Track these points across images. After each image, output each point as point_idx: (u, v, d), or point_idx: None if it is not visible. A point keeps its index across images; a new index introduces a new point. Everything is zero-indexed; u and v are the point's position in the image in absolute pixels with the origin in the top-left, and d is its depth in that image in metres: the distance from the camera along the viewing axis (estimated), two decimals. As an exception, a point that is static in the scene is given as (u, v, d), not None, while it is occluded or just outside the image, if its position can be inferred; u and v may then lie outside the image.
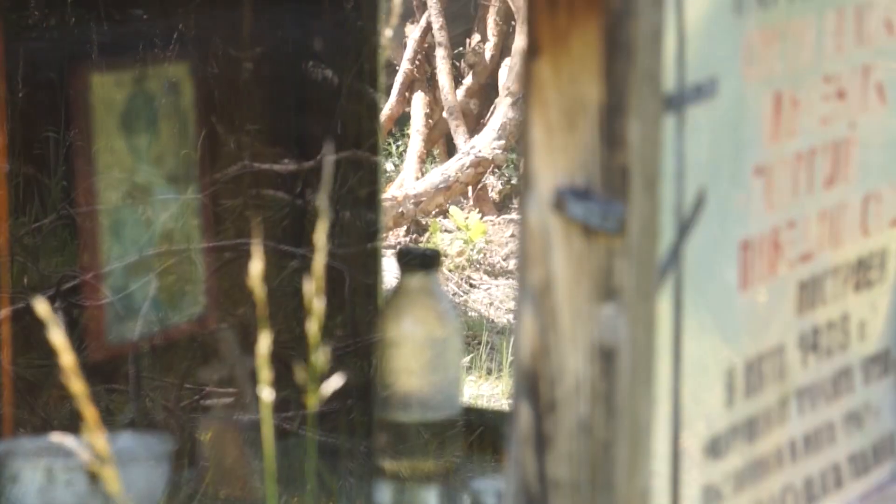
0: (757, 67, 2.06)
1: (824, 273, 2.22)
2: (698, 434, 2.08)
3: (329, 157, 2.50)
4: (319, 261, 2.05)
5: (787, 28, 2.10)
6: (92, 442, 2.04)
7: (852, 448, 2.29)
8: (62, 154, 2.46)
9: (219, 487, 2.47)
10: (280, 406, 2.13)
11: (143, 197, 2.52)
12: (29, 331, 2.40)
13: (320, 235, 2.07)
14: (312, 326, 2.05)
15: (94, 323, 2.39)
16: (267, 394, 2.03)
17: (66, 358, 1.97)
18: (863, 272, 2.27)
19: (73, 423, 2.39)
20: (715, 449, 2.10)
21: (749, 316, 2.13)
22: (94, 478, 2.31)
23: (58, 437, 2.31)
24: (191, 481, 2.50)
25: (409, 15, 7.38)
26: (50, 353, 2.45)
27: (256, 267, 2.05)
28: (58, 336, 1.95)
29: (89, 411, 2.01)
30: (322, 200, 2.18)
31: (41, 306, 1.94)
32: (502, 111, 6.86)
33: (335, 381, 2.16)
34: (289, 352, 2.15)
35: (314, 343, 2.05)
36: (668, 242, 1.97)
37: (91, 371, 2.51)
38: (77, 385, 2.00)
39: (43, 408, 2.39)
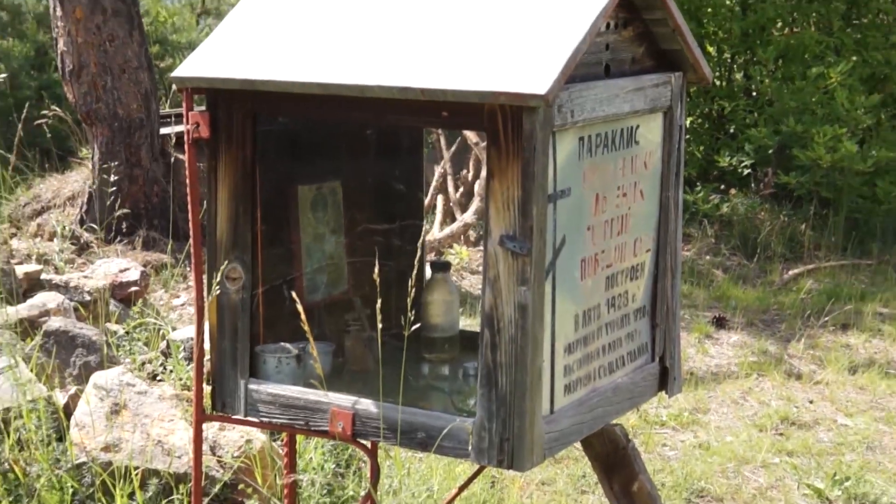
0: (587, 182, 2.06)
1: (617, 273, 2.21)
2: (562, 343, 2.06)
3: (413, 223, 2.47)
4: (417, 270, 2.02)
5: (601, 164, 2.10)
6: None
7: (629, 349, 2.27)
8: (286, 222, 2.36)
9: (352, 366, 2.36)
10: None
11: (320, 239, 2.43)
12: (272, 297, 2.29)
13: (420, 263, 2.03)
14: (410, 300, 2.08)
15: (300, 293, 2.29)
16: (380, 325, 1.96)
17: (301, 308, 2.03)
18: (634, 273, 2.24)
19: (291, 337, 2.28)
20: (570, 349, 2.10)
21: (584, 292, 2.14)
22: (301, 361, 2.19)
23: (284, 344, 2.24)
24: (341, 361, 2.38)
25: (433, 159, 7.39)
26: (280, 304, 2.35)
27: (376, 271, 2.07)
28: (301, 306, 2.03)
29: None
30: (423, 241, 2.14)
31: (294, 294, 2.09)
32: (475, 203, 6.79)
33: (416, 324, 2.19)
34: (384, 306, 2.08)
35: (411, 304, 2.08)
36: (549, 260, 2.01)
37: (298, 315, 2.44)
38: (307, 324, 2.05)
39: (276, 329, 2.28)
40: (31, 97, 9.84)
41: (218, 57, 2.09)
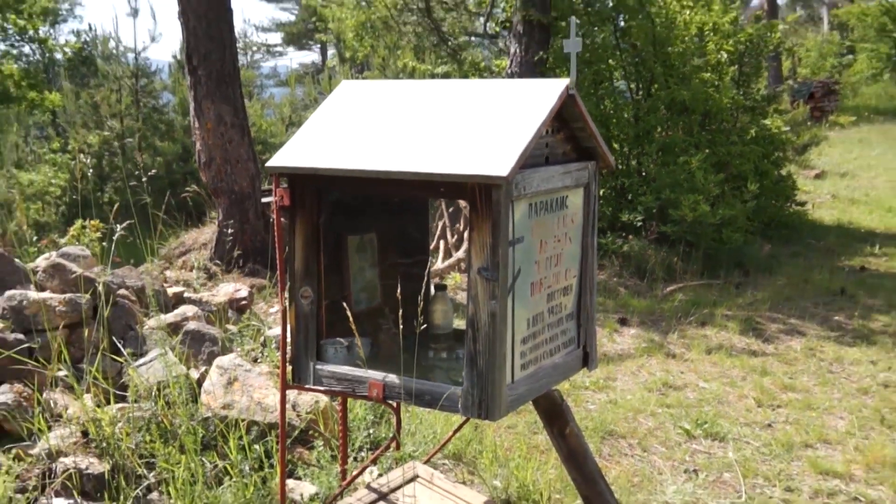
0: (535, 233, 2.04)
1: (555, 291, 2.17)
2: (519, 337, 2.04)
3: (424, 257, 2.39)
4: (425, 289, 1.95)
5: (544, 221, 2.08)
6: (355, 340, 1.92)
7: (563, 340, 2.23)
8: (340, 259, 2.32)
9: (383, 353, 2.32)
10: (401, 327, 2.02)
11: (362, 270, 2.38)
12: (331, 308, 2.24)
13: (428, 285, 1.96)
14: (420, 309, 1.93)
15: (349, 304, 2.24)
16: (399, 326, 1.91)
17: (349, 314, 1.86)
18: (565, 291, 2.21)
19: (343, 334, 2.24)
20: (524, 341, 2.06)
21: (533, 304, 2.11)
22: (350, 350, 2.15)
23: (339, 338, 2.20)
24: (375, 349, 2.33)
25: (438, 216, 7.28)
26: (336, 312, 2.30)
27: (397, 289, 1.93)
28: (349, 313, 1.89)
29: (356, 331, 1.88)
30: (429, 270, 2.06)
31: (345, 306, 1.97)
32: (464, 246, 6.71)
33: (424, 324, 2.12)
34: (405, 312, 2.02)
35: (421, 311, 1.98)
36: (510, 283, 1.97)
37: (349, 319, 2.39)
38: (353, 326, 1.91)
39: (331, 329, 2.24)
40: (178, 179, 9.87)
41: (294, 153, 2.08)
